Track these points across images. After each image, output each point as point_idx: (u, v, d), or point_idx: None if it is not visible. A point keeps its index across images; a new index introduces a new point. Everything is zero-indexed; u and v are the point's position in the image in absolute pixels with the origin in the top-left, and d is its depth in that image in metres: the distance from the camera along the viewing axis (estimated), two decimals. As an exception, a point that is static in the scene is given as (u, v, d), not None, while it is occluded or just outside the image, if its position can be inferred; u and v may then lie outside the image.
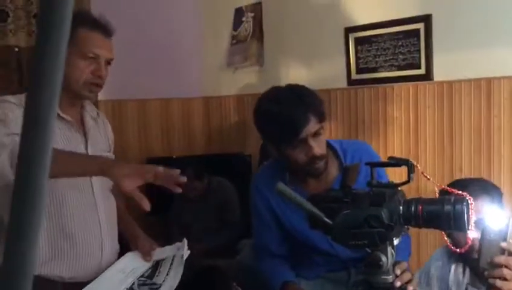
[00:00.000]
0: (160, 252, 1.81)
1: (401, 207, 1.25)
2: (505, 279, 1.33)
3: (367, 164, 1.33)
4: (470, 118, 2.59)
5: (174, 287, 1.76)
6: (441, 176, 2.65)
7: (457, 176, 2.51)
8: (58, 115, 1.60)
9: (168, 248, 1.83)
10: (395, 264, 1.32)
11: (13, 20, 3.04)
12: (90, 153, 1.72)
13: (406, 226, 1.30)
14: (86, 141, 1.74)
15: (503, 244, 1.34)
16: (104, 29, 1.70)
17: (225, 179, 3.56)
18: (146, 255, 1.77)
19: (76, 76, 1.63)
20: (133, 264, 1.77)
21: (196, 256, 3.21)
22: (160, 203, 3.73)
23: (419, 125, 2.80)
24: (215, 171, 3.54)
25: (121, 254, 1.82)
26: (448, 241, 1.39)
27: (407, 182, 1.27)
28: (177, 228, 3.51)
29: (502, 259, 1.33)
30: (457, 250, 1.36)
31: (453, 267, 1.63)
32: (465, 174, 2.59)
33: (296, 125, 1.57)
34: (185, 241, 1.82)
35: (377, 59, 2.97)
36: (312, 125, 1.60)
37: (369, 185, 1.30)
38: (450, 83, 2.66)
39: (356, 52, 3.06)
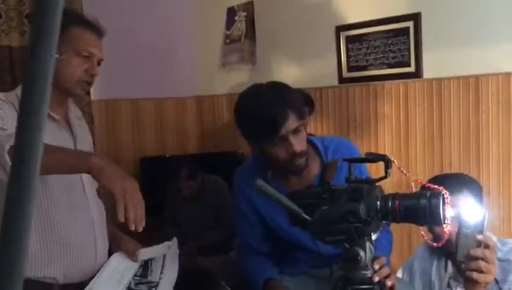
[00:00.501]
0: (147, 252, 1.78)
1: (378, 202, 1.27)
2: (482, 271, 1.34)
3: (345, 160, 1.35)
4: (458, 114, 2.61)
5: (173, 283, 1.74)
6: (431, 172, 2.66)
7: (447, 172, 2.53)
8: (48, 113, 1.59)
9: (156, 247, 1.80)
10: (373, 259, 1.33)
11: (5, 20, 3.05)
12: None
13: (384, 222, 1.31)
14: (75, 140, 1.73)
15: (479, 237, 1.36)
16: (97, 29, 1.71)
17: (219, 177, 3.57)
18: (131, 256, 1.74)
19: (69, 73, 1.64)
20: (123, 265, 1.74)
21: (191, 254, 3.24)
22: (154, 202, 3.77)
23: (410, 122, 2.82)
24: (208, 170, 3.55)
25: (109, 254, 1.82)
26: (426, 236, 1.41)
27: (385, 177, 1.28)
28: (171, 227, 3.51)
29: (478, 252, 1.35)
30: (435, 244, 1.37)
31: (435, 261, 1.64)
32: (455, 169, 2.61)
33: (275, 122, 1.57)
34: (175, 239, 1.82)
35: (367, 57, 2.98)
36: (291, 122, 1.59)
37: (347, 181, 1.32)
38: (439, 81, 2.68)
39: (347, 50, 3.07)
